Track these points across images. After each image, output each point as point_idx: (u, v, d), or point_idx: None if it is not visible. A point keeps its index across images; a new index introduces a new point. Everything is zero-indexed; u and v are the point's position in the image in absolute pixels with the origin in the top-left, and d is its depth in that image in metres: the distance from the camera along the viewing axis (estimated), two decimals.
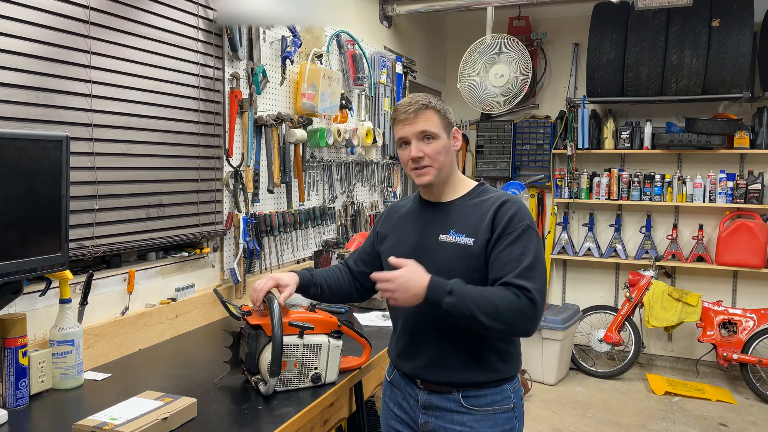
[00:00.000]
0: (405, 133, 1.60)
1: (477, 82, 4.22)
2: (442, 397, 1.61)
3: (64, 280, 1.70)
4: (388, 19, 4.18)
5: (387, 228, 1.78)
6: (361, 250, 1.88)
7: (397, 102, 4.00)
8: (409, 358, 1.66)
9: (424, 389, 1.64)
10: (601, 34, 4.45)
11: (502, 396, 1.60)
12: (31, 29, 1.73)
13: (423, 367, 1.62)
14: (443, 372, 1.59)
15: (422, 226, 1.67)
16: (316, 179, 3.24)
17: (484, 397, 1.59)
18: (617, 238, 4.94)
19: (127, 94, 2.05)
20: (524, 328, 1.49)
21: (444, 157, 1.61)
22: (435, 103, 1.61)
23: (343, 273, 1.87)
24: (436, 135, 1.59)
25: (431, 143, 1.59)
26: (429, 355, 1.61)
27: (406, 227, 1.72)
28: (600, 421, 3.86)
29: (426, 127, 1.58)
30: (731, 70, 4.13)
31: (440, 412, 1.61)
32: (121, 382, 1.78)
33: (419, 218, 1.70)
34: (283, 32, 2.88)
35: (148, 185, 2.15)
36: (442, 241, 1.60)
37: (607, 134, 4.83)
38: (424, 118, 1.58)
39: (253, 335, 1.65)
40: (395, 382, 1.74)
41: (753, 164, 4.62)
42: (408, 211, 1.75)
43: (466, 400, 1.58)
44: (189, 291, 2.38)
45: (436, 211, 1.67)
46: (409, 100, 1.61)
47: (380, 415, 1.83)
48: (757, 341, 4.21)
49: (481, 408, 1.58)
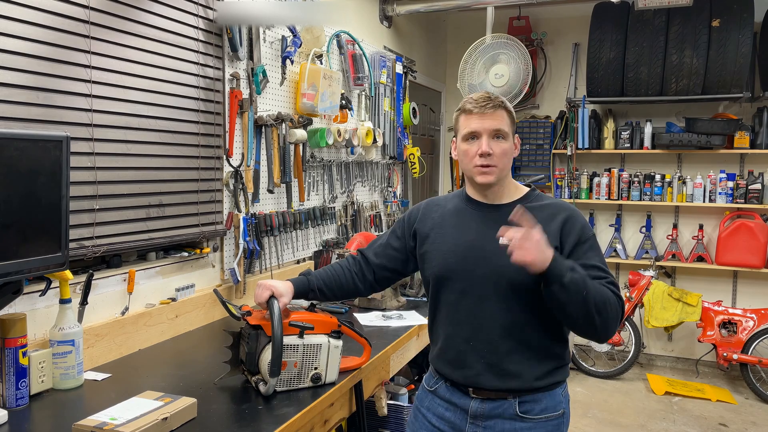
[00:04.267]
0: (477, 127, 1.54)
1: (477, 82, 4.22)
2: (497, 405, 1.54)
3: (64, 280, 1.71)
4: (388, 19, 4.18)
5: (428, 226, 1.68)
6: (385, 243, 1.79)
7: (397, 101, 4.01)
8: (461, 367, 1.58)
9: (477, 398, 1.56)
10: (601, 34, 4.45)
11: (555, 401, 1.56)
12: (31, 29, 1.73)
13: (478, 374, 1.55)
14: (500, 378, 1.53)
15: (478, 228, 1.58)
16: (316, 179, 3.24)
17: (539, 402, 1.54)
18: (617, 238, 4.94)
19: (127, 94, 2.05)
20: (613, 329, 1.44)
21: (508, 160, 1.57)
22: (509, 106, 1.59)
23: (346, 269, 1.80)
24: (507, 135, 1.56)
25: (501, 143, 1.55)
26: (486, 362, 1.54)
27: (456, 227, 1.62)
28: (600, 421, 3.86)
29: (501, 125, 1.54)
30: (731, 70, 4.13)
31: (491, 420, 1.55)
32: (121, 382, 1.78)
33: (472, 219, 1.61)
34: (283, 32, 2.88)
35: (148, 185, 2.15)
36: (504, 243, 1.51)
37: (607, 134, 4.83)
38: (500, 117, 1.55)
39: (253, 335, 1.65)
40: (440, 393, 1.64)
41: (753, 164, 4.62)
42: (455, 211, 1.66)
43: (522, 406, 1.53)
44: (189, 291, 2.38)
45: (491, 213, 1.60)
46: (487, 95, 1.57)
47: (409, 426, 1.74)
48: (757, 341, 4.21)
49: (535, 416, 1.53)
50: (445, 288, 1.60)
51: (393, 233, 1.80)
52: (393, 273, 1.80)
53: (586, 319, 1.41)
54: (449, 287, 1.59)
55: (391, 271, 1.79)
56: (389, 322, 2.47)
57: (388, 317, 2.53)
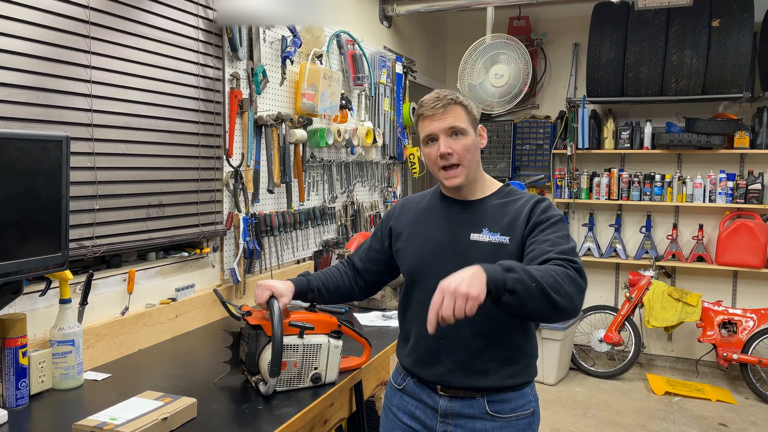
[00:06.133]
0: (432, 129, 1.53)
1: (477, 82, 4.22)
2: (465, 404, 1.54)
3: (64, 280, 1.70)
4: (388, 19, 4.18)
5: (402, 224, 1.68)
6: (368, 246, 1.79)
7: (397, 101, 4.01)
8: (430, 365, 1.57)
9: (446, 396, 1.56)
10: (601, 34, 4.45)
11: (525, 400, 1.56)
12: (31, 29, 1.73)
13: (448, 372, 1.54)
14: (470, 377, 1.53)
15: (449, 225, 1.58)
16: (316, 179, 3.24)
17: (508, 402, 1.54)
18: (617, 238, 4.94)
19: (127, 94, 2.05)
20: (579, 301, 1.34)
21: (472, 155, 1.54)
22: (462, 99, 1.55)
23: (343, 272, 1.80)
24: (465, 131, 1.53)
25: (460, 140, 1.52)
26: (456, 360, 1.53)
27: (428, 226, 1.62)
28: (600, 421, 3.86)
29: (455, 122, 1.51)
30: (731, 70, 4.13)
31: (461, 419, 1.54)
32: (121, 382, 1.78)
33: (444, 217, 1.61)
34: (283, 32, 2.88)
35: (148, 185, 2.15)
36: (474, 240, 1.52)
37: (607, 134, 4.83)
38: (452, 114, 1.52)
39: (253, 335, 1.65)
40: (408, 390, 1.64)
41: (753, 164, 4.62)
42: (428, 208, 1.66)
43: (491, 405, 1.53)
44: (189, 291, 2.38)
45: (463, 210, 1.59)
46: (435, 95, 1.55)
47: (381, 426, 1.73)
48: (757, 341, 4.22)
49: (505, 414, 1.53)
50: (418, 285, 1.60)
51: (374, 236, 1.80)
52: (379, 275, 1.80)
53: (550, 307, 1.29)
54: (422, 284, 1.58)
55: (377, 273, 1.79)
56: (389, 322, 2.47)
57: (388, 317, 2.53)
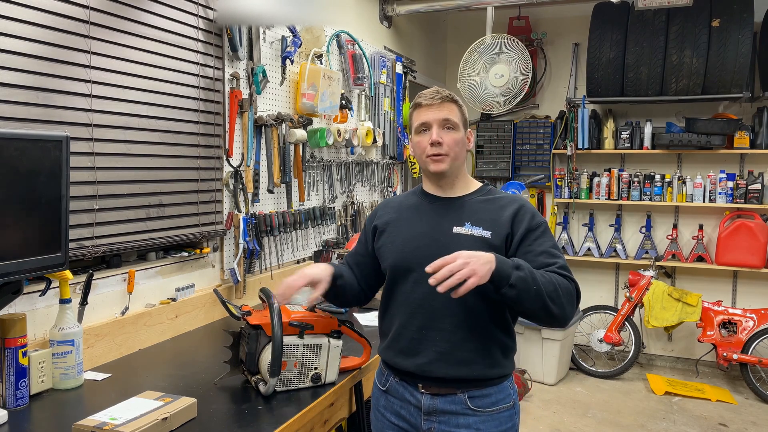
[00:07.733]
0: (428, 118, 1.61)
1: (477, 82, 4.22)
2: (447, 400, 1.57)
3: (64, 280, 1.70)
4: (388, 19, 4.18)
5: (384, 222, 1.72)
6: (354, 252, 1.82)
7: (397, 101, 4.01)
8: (412, 355, 1.59)
9: (427, 393, 1.59)
10: (601, 34, 4.45)
11: (504, 394, 1.60)
12: (31, 29, 1.73)
13: (429, 363, 1.57)
14: (451, 366, 1.56)
15: (431, 219, 1.63)
16: (316, 179, 3.24)
17: (489, 396, 1.58)
18: (617, 238, 4.94)
19: (127, 94, 2.05)
20: (570, 312, 1.49)
21: (460, 150, 1.63)
22: (458, 99, 1.66)
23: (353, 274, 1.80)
24: (457, 126, 1.62)
25: (451, 133, 1.61)
26: (438, 350, 1.56)
27: (411, 220, 1.67)
28: (600, 421, 3.86)
29: (449, 115, 1.61)
30: (731, 70, 4.13)
31: (445, 416, 1.57)
32: (121, 382, 1.78)
33: (426, 211, 1.66)
34: (283, 32, 2.88)
35: (148, 185, 2.15)
36: (456, 233, 1.57)
37: (607, 134, 4.83)
38: (448, 108, 1.62)
39: (253, 335, 1.65)
40: (391, 390, 1.67)
41: (753, 164, 4.62)
42: (410, 205, 1.71)
43: (472, 401, 1.57)
44: (189, 291, 2.38)
45: (445, 205, 1.65)
46: (435, 89, 1.65)
47: (372, 426, 1.75)
48: (757, 341, 4.21)
49: (487, 409, 1.57)
50: (400, 279, 1.63)
51: (360, 240, 1.83)
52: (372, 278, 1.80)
53: (543, 310, 1.45)
54: (404, 277, 1.62)
55: (369, 276, 1.79)
56: None
57: None
